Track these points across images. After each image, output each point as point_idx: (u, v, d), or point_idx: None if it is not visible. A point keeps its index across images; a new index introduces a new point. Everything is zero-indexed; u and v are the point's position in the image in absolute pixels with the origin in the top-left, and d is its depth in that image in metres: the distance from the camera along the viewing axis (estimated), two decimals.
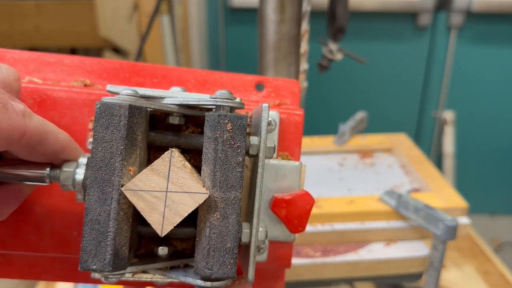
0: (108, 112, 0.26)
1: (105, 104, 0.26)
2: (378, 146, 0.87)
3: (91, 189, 0.26)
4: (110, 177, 0.26)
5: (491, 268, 0.95)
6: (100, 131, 0.26)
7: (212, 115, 0.27)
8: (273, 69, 0.83)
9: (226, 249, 0.26)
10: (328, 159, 0.84)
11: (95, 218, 0.26)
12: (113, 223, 0.26)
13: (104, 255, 0.25)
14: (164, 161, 0.26)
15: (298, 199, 0.31)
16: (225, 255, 0.26)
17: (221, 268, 0.26)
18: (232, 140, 0.27)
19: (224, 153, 0.27)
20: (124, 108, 0.26)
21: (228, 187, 0.27)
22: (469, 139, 1.90)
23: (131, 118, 0.26)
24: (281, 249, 0.36)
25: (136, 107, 0.27)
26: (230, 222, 0.27)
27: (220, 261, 0.26)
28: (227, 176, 0.27)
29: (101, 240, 0.25)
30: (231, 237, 0.26)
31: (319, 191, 0.73)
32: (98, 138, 0.26)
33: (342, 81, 1.82)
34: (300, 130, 0.35)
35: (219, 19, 1.78)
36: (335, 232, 0.66)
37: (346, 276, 0.66)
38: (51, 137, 0.28)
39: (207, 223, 0.26)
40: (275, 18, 0.79)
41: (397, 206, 0.67)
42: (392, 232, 0.68)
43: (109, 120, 0.26)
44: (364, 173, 0.79)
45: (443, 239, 0.62)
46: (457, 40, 1.76)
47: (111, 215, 0.26)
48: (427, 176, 0.76)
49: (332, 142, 0.87)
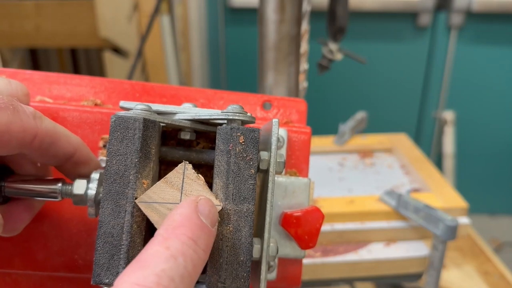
0: (123, 125, 0.26)
1: (120, 118, 0.26)
2: (378, 146, 0.87)
3: (105, 201, 0.26)
4: (124, 190, 0.26)
5: (491, 268, 0.95)
6: (115, 144, 0.26)
7: (224, 128, 0.27)
8: (273, 69, 0.83)
9: (239, 262, 0.26)
10: (328, 159, 0.84)
11: (108, 231, 0.25)
12: (127, 236, 0.25)
13: (117, 268, 0.25)
14: (178, 173, 0.26)
15: (308, 214, 0.31)
16: (238, 268, 0.26)
17: (234, 282, 0.26)
18: (245, 153, 0.27)
19: (237, 166, 0.27)
20: (138, 122, 0.26)
21: (241, 200, 0.27)
22: (469, 139, 1.90)
23: (145, 132, 0.27)
24: (291, 266, 0.35)
25: (150, 121, 0.27)
26: (243, 234, 0.26)
27: (234, 274, 0.26)
28: (240, 189, 0.27)
29: (114, 253, 0.25)
30: (244, 250, 0.26)
31: (319, 191, 0.73)
32: (112, 151, 0.26)
33: (342, 81, 1.82)
34: (307, 147, 0.36)
35: (219, 19, 1.78)
36: (335, 232, 0.66)
37: (346, 276, 0.66)
38: (63, 139, 0.28)
39: (219, 236, 0.26)
40: (275, 18, 0.79)
41: (397, 206, 0.67)
42: (392, 232, 0.68)
43: (123, 133, 0.26)
44: (364, 173, 0.79)
45: (443, 239, 0.62)
46: (457, 40, 1.76)
47: (125, 228, 0.26)
48: (427, 176, 0.76)
49: (332, 142, 0.87)
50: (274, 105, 0.38)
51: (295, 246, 0.33)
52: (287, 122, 0.37)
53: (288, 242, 0.33)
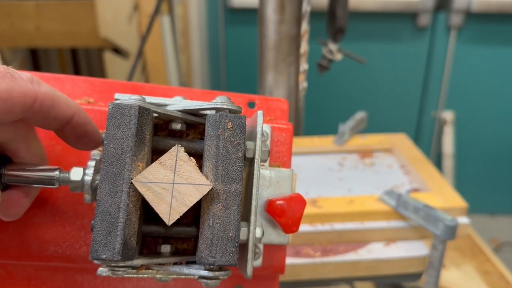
0: (119, 112, 0.28)
1: (117, 105, 0.28)
2: (378, 146, 0.87)
3: (102, 182, 0.27)
4: (121, 171, 0.27)
5: (491, 268, 0.95)
6: (112, 129, 0.28)
7: (213, 115, 0.29)
8: (273, 69, 0.84)
9: (228, 238, 0.28)
10: (328, 159, 0.84)
11: (106, 210, 0.27)
12: (123, 214, 0.27)
13: (113, 244, 0.26)
14: (171, 156, 0.28)
15: (292, 201, 0.33)
16: (228, 244, 0.28)
17: (224, 256, 0.27)
18: (233, 138, 0.29)
19: (226, 149, 0.29)
20: (134, 108, 0.28)
21: (229, 180, 0.28)
22: (469, 139, 1.90)
23: (140, 118, 0.28)
24: (275, 254, 0.37)
25: (145, 109, 0.29)
26: (232, 212, 0.28)
27: (223, 249, 0.28)
28: (228, 170, 0.28)
29: (111, 230, 0.27)
30: (233, 226, 0.28)
31: (319, 191, 0.74)
32: (110, 136, 0.28)
33: (342, 81, 1.82)
34: (290, 142, 0.38)
35: (219, 19, 1.78)
36: (335, 232, 0.66)
37: (346, 276, 0.66)
38: (62, 102, 0.29)
39: (210, 214, 0.28)
40: (275, 18, 0.79)
41: (396, 206, 0.67)
42: (392, 232, 0.68)
43: (120, 119, 0.28)
44: (364, 173, 0.80)
45: (443, 239, 0.62)
46: (456, 40, 1.76)
47: (121, 206, 0.27)
48: (427, 176, 0.76)
49: (332, 142, 0.87)
50: (258, 104, 0.40)
51: (279, 233, 0.35)
52: (270, 120, 0.40)
53: (273, 230, 0.35)
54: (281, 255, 0.37)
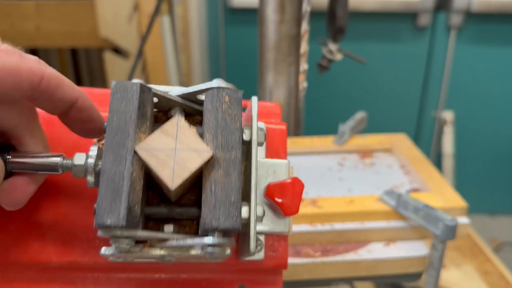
0: (122, 88, 0.30)
1: (120, 82, 0.30)
2: (378, 146, 0.87)
3: (107, 152, 0.29)
4: (125, 142, 0.29)
5: (491, 268, 0.95)
6: (116, 103, 0.30)
7: (211, 91, 0.31)
8: (273, 69, 0.84)
9: (230, 202, 0.29)
10: (328, 159, 0.84)
11: (110, 178, 0.28)
12: (127, 182, 0.28)
13: (118, 210, 0.27)
14: (172, 124, 0.29)
15: (290, 184, 0.34)
16: (230, 207, 0.28)
17: (227, 220, 0.28)
18: (230, 110, 0.31)
19: (224, 120, 0.30)
20: (136, 85, 0.30)
21: (229, 148, 0.30)
22: (469, 139, 1.91)
23: (142, 94, 0.30)
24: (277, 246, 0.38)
25: (146, 86, 0.31)
26: (233, 178, 0.29)
27: (226, 213, 0.28)
28: (228, 139, 0.30)
29: (115, 197, 0.28)
30: (235, 191, 0.29)
31: (319, 191, 0.74)
32: (113, 110, 0.29)
33: (342, 81, 1.82)
34: (284, 139, 0.39)
35: (219, 19, 1.78)
36: (335, 231, 0.66)
37: (346, 276, 0.66)
38: (67, 85, 0.31)
39: (211, 180, 0.29)
40: (275, 18, 0.79)
41: (396, 206, 0.67)
42: (391, 232, 0.68)
43: (123, 94, 0.30)
44: (364, 173, 0.80)
45: (443, 239, 0.62)
46: (456, 40, 1.76)
47: (125, 174, 0.28)
48: (427, 176, 0.76)
49: (332, 142, 0.87)
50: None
51: (280, 221, 0.35)
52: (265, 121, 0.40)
53: (273, 219, 0.35)
54: (283, 247, 0.38)
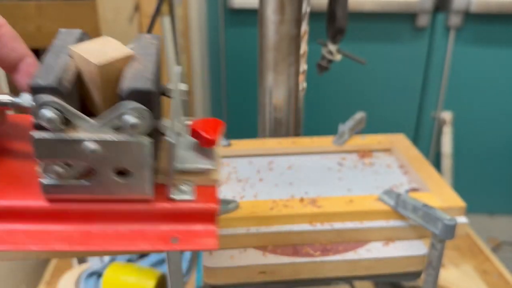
0: (68, 31, 0.40)
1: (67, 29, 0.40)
2: (377, 146, 0.88)
3: (48, 53, 0.36)
4: (63, 50, 0.37)
5: (490, 267, 0.96)
6: (60, 36, 0.39)
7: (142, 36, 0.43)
8: (273, 70, 0.84)
9: (146, 77, 0.35)
10: (328, 159, 0.84)
11: (47, 64, 0.35)
12: (61, 63, 0.35)
13: (51, 76, 0.33)
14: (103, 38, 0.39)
15: (210, 120, 0.41)
16: (144, 79, 0.35)
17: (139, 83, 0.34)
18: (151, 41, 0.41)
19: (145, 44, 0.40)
20: (79, 32, 0.40)
21: (146, 52, 0.39)
22: (468, 139, 1.91)
23: (83, 36, 0.40)
24: (206, 193, 0.40)
25: (86, 34, 0.40)
26: (150, 65, 0.36)
27: (141, 81, 0.35)
28: (147, 50, 0.39)
29: (49, 71, 0.34)
30: (150, 72, 0.36)
31: (319, 191, 0.74)
32: (57, 38, 0.38)
33: (342, 81, 1.82)
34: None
35: (219, 20, 1.79)
36: (334, 231, 0.67)
37: (346, 275, 0.66)
38: (21, 41, 0.38)
39: (131, 68, 0.36)
40: (275, 18, 0.80)
41: (396, 206, 0.67)
42: (391, 231, 0.68)
43: (67, 32, 0.40)
44: (363, 173, 0.80)
45: (442, 238, 0.63)
46: (455, 41, 1.76)
47: (59, 61, 0.35)
48: (426, 176, 0.76)
49: (331, 142, 0.87)
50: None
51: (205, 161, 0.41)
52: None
53: (199, 158, 0.41)
54: (211, 192, 0.40)
